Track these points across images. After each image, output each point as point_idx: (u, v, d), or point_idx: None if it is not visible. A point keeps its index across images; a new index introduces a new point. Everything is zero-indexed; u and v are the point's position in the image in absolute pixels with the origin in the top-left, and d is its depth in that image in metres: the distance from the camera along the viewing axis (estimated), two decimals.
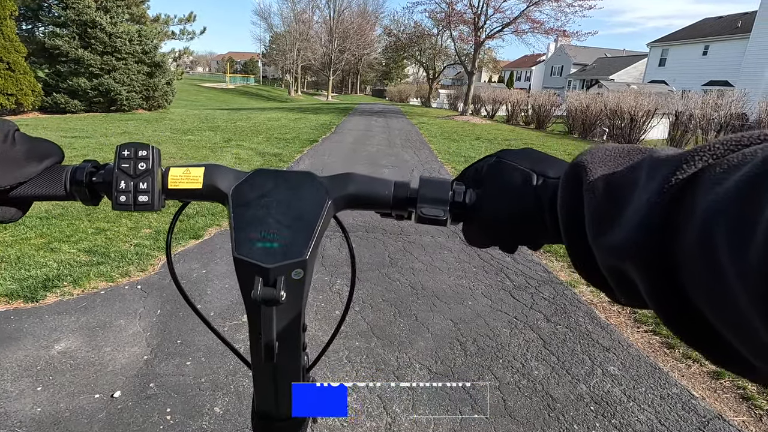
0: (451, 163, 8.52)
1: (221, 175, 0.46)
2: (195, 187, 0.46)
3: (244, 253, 0.41)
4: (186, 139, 9.35)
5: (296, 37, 43.74)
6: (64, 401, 1.91)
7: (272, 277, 0.40)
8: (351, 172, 0.47)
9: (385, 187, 0.46)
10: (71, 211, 4.15)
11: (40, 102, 12.26)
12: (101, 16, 13.15)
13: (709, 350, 0.23)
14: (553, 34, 19.62)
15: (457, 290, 3.15)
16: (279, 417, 0.50)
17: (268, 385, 0.48)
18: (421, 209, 0.44)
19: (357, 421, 1.91)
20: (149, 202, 0.44)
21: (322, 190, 0.45)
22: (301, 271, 0.41)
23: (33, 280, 2.86)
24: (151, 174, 0.44)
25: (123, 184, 0.44)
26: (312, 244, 0.41)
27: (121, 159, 0.44)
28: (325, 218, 0.43)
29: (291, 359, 0.47)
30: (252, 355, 0.46)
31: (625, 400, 2.12)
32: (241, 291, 0.42)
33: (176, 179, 0.46)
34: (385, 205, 0.46)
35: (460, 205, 0.43)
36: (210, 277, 3.08)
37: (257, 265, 0.40)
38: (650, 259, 0.24)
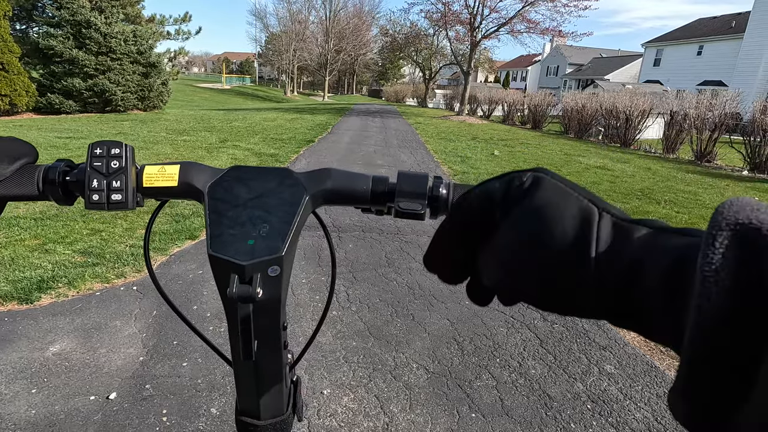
0: (447, 163, 8.53)
1: (197, 172, 0.46)
2: (170, 185, 0.45)
3: (220, 251, 0.40)
4: (182, 139, 9.31)
5: (292, 37, 43.68)
6: (59, 403, 1.89)
7: (248, 275, 0.40)
8: (329, 168, 0.47)
9: (364, 182, 0.46)
10: (66, 212, 4.13)
11: (35, 103, 12.17)
12: (96, 17, 13.07)
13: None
14: (548, 34, 19.67)
15: (453, 290, 3.15)
16: (261, 416, 0.50)
17: (249, 383, 0.48)
18: (399, 203, 0.43)
19: (354, 421, 1.90)
20: (123, 200, 0.44)
21: (300, 186, 0.44)
22: (277, 267, 0.40)
23: (27, 282, 2.83)
24: (125, 172, 0.43)
25: (96, 182, 0.43)
26: (288, 241, 0.41)
27: (93, 157, 0.43)
28: (302, 214, 0.43)
29: (271, 357, 0.46)
30: (232, 353, 0.46)
31: (621, 398, 2.12)
32: (218, 289, 0.42)
33: (151, 177, 0.45)
34: (363, 200, 0.46)
35: (439, 198, 0.43)
36: (206, 277, 3.07)
37: (232, 262, 0.39)
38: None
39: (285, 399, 0.50)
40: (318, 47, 46.96)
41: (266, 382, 0.48)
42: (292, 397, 0.53)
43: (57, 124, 10.69)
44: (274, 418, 0.50)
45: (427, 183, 0.44)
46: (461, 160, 8.89)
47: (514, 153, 10.42)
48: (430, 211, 0.44)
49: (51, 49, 12.74)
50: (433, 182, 0.44)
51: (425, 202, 0.43)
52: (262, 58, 59.32)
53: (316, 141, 10.40)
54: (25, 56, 12.61)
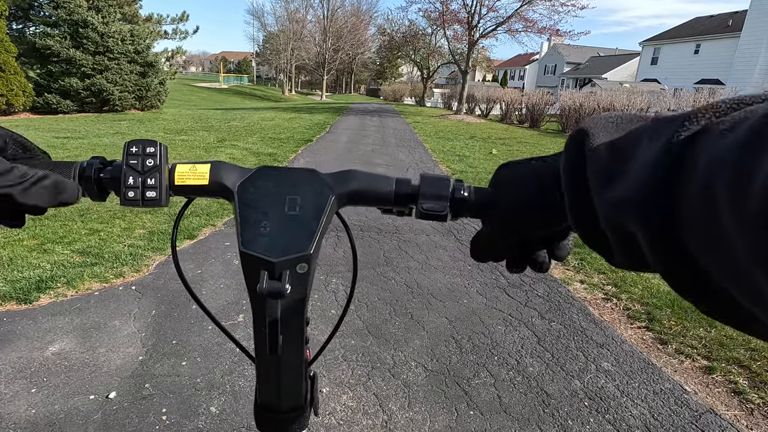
0: (445, 162, 8.54)
1: (227, 171, 0.47)
2: (201, 184, 0.47)
3: (251, 248, 0.41)
4: (179, 139, 9.30)
5: (290, 36, 43.61)
6: (59, 402, 1.90)
7: (278, 271, 0.41)
8: (354, 169, 0.48)
9: (387, 183, 0.47)
10: (64, 212, 4.12)
11: (32, 102, 12.14)
12: (93, 16, 13.04)
13: (708, 303, 0.24)
14: (546, 33, 19.70)
15: (452, 288, 3.16)
16: (281, 409, 0.51)
17: (271, 377, 0.50)
18: (422, 205, 0.45)
19: (353, 419, 1.91)
20: (157, 197, 0.45)
21: (326, 187, 0.46)
22: (305, 265, 0.42)
23: (26, 282, 2.84)
24: (159, 170, 0.45)
25: (131, 180, 0.45)
26: (316, 239, 0.43)
27: (129, 155, 0.45)
28: (328, 214, 0.45)
29: (294, 352, 0.48)
30: (256, 347, 0.47)
31: (618, 395, 2.14)
32: (247, 284, 0.43)
33: (183, 175, 0.47)
34: (387, 202, 0.47)
35: (460, 200, 0.45)
36: (205, 277, 3.07)
37: (263, 259, 0.41)
38: (653, 212, 0.24)
39: (303, 393, 0.52)
40: (316, 46, 46.91)
41: (287, 376, 0.49)
42: (310, 392, 0.54)
43: (54, 124, 10.66)
44: (293, 411, 0.52)
45: (449, 185, 0.45)
46: (459, 159, 8.90)
47: (512, 152, 10.44)
48: (452, 212, 0.45)
49: (48, 49, 12.71)
50: (454, 185, 0.46)
51: (447, 204, 0.45)
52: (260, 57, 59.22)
53: (314, 140, 10.40)
54: (22, 56, 12.57)
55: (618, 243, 0.28)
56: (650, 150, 0.25)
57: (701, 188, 0.21)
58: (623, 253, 0.29)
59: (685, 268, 0.24)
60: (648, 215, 0.24)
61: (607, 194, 0.28)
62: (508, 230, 0.41)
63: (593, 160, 0.30)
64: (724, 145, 0.21)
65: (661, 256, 0.25)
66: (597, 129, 0.31)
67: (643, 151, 0.26)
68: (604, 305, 3.05)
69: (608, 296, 3.17)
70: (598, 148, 0.30)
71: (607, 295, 3.18)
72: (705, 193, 0.21)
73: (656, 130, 0.26)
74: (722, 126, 0.22)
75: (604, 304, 3.06)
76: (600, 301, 3.10)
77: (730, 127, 0.22)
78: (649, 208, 0.24)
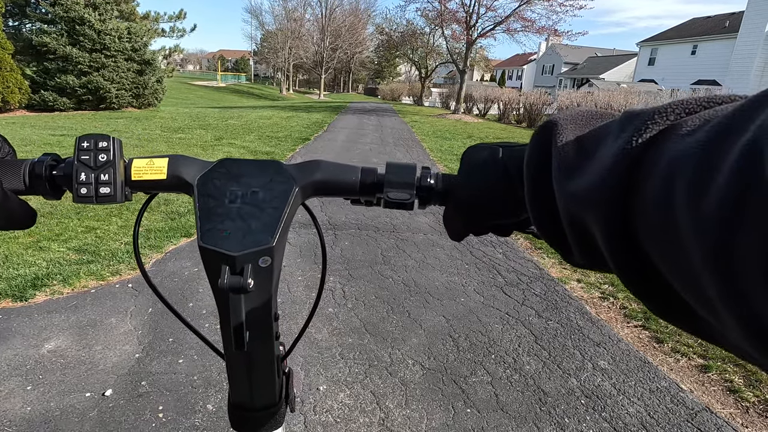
0: (443, 161, 8.55)
1: (186, 165, 0.46)
2: (159, 178, 0.45)
3: (210, 242, 0.40)
4: (177, 137, 9.27)
5: (288, 35, 43.51)
6: (55, 400, 1.89)
7: (239, 265, 0.40)
8: (318, 159, 0.48)
9: (353, 173, 0.46)
10: (60, 210, 4.11)
11: (28, 100, 12.07)
12: (90, 13, 12.97)
13: (662, 305, 0.24)
14: (544, 33, 19.71)
15: (449, 287, 3.17)
16: (254, 407, 0.50)
17: (241, 374, 0.48)
18: (387, 194, 0.44)
19: (350, 417, 1.91)
20: (111, 193, 0.44)
21: (289, 178, 0.45)
22: (268, 258, 0.41)
23: (22, 279, 2.82)
24: (113, 165, 0.44)
25: (83, 176, 0.43)
26: (279, 231, 0.41)
27: (80, 151, 0.43)
28: (292, 205, 0.44)
29: (263, 348, 0.47)
30: (224, 344, 0.46)
31: (615, 393, 2.14)
32: (209, 280, 0.42)
33: (139, 170, 0.45)
34: (352, 191, 0.46)
35: (427, 188, 0.44)
36: (202, 275, 3.06)
37: (223, 254, 0.40)
38: (611, 207, 0.24)
39: (277, 390, 0.51)
40: (314, 45, 46.81)
41: (258, 372, 0.48)
42: (285, 388, 0.53)
43: (50, 122, 10.61)
44: (266, 409, 0.50)
45: (415, 173, 0.44)
46: (457, 158, 8.91)
47: None
48: (419, 200, 0.44)
49: (44, 46, 12.64)
50: (421, 172, 0.45)
51: (414, 192, 0.44)
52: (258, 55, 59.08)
53: (312, 139, 10.38)
54: (18, 53, 12.50)
55: (576, 240, 0.28)
56: (615, 143, 0.25)
57: (660, 186, 0.21)
58: (581, 251, 0.28)
59: (639, 268, 0.24)
60: (605, 211, 0.24)
61: (568, 187, 0.28)
62: (465, 218, 0.42)
63: (558, 153, 0.30)
64: (686, 144, 0.20)
65: (617, 255, 0.24)
66: (566, 122, 0.31)
67: (607, 147, 0.26)
68: (601, 304, 3.06)
69: (605, 295, 3.18)
70: (565, 142, 0.30)
71: (603, 294, 3.19)
72: (663, 191, 0.21)
73: (622, 126, 0.26)
74: (688, 124, 0.22)
75: (601, 303, 3.07)
76: (597, 300, 3.11)
77: (696, 126, 0.21)
78: (607, 204, 0.24)
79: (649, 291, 0.24)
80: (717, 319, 0.19)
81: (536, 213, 0.32)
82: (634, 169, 0.23)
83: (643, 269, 0.24)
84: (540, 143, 0.32)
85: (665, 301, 0.23)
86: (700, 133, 0.20)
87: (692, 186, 0.19)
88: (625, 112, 0.28)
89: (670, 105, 0.24)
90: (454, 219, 0.43)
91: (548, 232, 0.31)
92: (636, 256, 0.24)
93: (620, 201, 0.24)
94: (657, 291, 0.23)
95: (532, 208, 0.32)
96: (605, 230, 0.24)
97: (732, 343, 0.20)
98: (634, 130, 0.24)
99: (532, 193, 0.32)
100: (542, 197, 0.31)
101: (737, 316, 0.17)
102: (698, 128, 0.21)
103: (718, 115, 0.20)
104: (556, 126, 0.31)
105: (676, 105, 0.24)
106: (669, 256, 0.21)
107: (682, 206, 0.19)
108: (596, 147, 0.27)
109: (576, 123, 0.31)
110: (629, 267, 0.24)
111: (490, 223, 0.41)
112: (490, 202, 0.39)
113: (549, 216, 0.31)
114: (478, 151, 0.41)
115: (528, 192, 0.32)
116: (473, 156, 0.41)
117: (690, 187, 0.19)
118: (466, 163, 0.42)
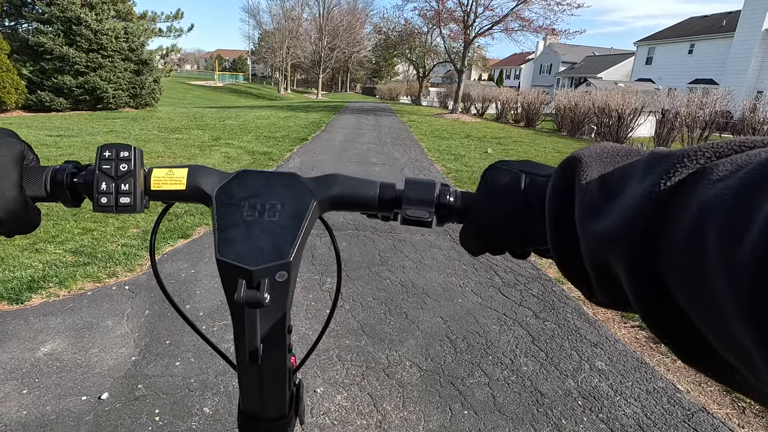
0: (441, 161, 8.54)
1: (205, 176, 0.46)
2: (178, 189, 0.45)
3: (228, 255, 0.40)
4: (174, 137, 9.25)
5: (285, 34, 43.45)
6: (51, 404, 1.88)
7: (256, 280, 0.40)
8: (337, 173, 0.47)
9: (371, 188, 0.46)
10: (56, 212, 4.09)
11: (24, 100, 12.03)
12: (86, 13, 12.92)
13: (685, 349, 0.23)
14: (542, 32, 19.72)
15: (447, 288, 3.17)
16: (265, 417, 0.50)
17: (253, 386, 0.48)
18: (406, 210, 0.44)
19: (347, 419, 1.91)
20: (131, 203, 0.44)
21: (307, 192, 0.44)
22: (285, 273, 0.41)
23: (17, 282, 2.81)
24: (133, 175, 0.44)
25: (104, 185, 0.43)
26: (296, 246, 0.41)
27: (102, 160, 0.43)
28: (310, 219, 0.43)
29: (276, 361, 0.47)
30: (237, 357, 0.46)
31: (612, 394, 2.15)
32: (225, 293, 0.42)
33: (159, 180, 0.45)
34: (370, 207, 0.46)
35: (446, 206, 0.44)
36: (199, 276, 3.06)
37: (240, 267, 0.40)
38: (636, 247, 0.23)
39: (287, 401, 0.51)
40: (311, 45, 46.75)
41: (270, 384, 0.48)
42: (295, 399, 0.53)
43: (47, 122, 10.57)
44: (276, 420, 0.50)
45: (435, 190, 0.44)
46: (454, 158, 8.91)
47: (507, 151, 10.45)
48: (437, 218, 0.44)
49: (41, 46, 12.58)
50: (440, 190, 0.44)
51: (432, 210, 0.43)
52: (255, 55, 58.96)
53: (310, 139, 10.37)
54: (15, 53, 12.44)
55: (599, 280, 0.27)
56: (642, 184, 0.25)
57: (690, 230, 0.20)
58: (604, 291, 0.28)
59: (666, 312, 0.23)
60: (630, 251, 0.24)
61: (592, 228, 0.27)
62: (483, 239, 0.41)
63: (582, 192, 0.29)
64: (719, 189, 0.20)
65: (642, 297, 0.24)
66: (590, 159, 0.30)
67: (634, 186, 0.25)
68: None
69: None
70: (589, 180, 0.29)
71: None
72: (693, 236, 0.20)
73: (650, 167, 0.25)
74: (720, 169, 0.21)
75: None
76: None
77: (729, 172, 0.21)
78: (632, 245, 0.24)
79: (675, 336, 0.23)
80: (750, 368, 0.18)
81: (558, 250, 0.31)
82: (661, 212, 0.23)
83: (669, 313, 0.23)
84: (563, 180, 0.32)
85: (692, 347, 0.23)
86: (733, 179, 0.20)
87: (725, 233, 0.18)
88: (651, 152, 0.27)
89: (700, 148, 0.24)
90: (471, 238, 0.43)
91: (570, 270, 0.31)
92: (662, 300, 0.23)
93: (646, 242, 0.23)
94: (684, 336, 0.23)
95: (553, 245, 0.32)
96: (630, 271, 0.24)
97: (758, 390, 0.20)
98: (662, 172, 0.24)
99: (553, 230, 0.32)
100: (564, 234, 0.31)
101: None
102: (731, 174, 0.20)
103: (752, 161, 0.20)
104: (580, 163, 0.30)
105: (706, 148, 0.23)
106: (698, 302, 0.20)
107: (713, 253, 0.19)
108: (621, 188, 0.27)
109: (600, 160, 0.30)
110: (655, 310, 0.24)
111: (508, 247, 0.41)
112: (509, 230, 0.39)
113: (571, 254, 0.30)
114: (500, 173, 0.40)
115: (550, 229, 0.32)
116: (495, 178, 0.40)
117: (722, 234, 0.18)
118: (487, 185, 0.41)
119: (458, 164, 8.21)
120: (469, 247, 0.44)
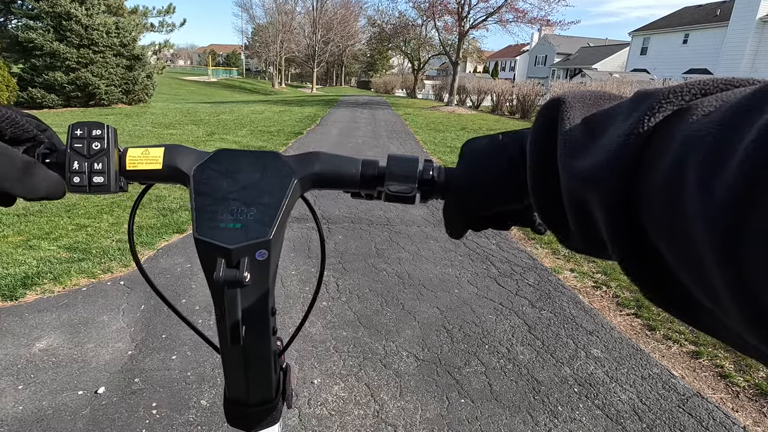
0: (436, 153, 8.53)
1: (182, 155, 0.45)
2: (154, 168, 0.44)
3: (206, 234, 0.39)
4: (168, 133, 9.19)
5: (279, 28, 43.12)
6: (47, 399, 1.88)
7: (235, 259, 0.39)
8: (318, 151, 0.46)
9: (353, 165, 0.45)
10: (50, 208, 4.06)
11: (15, 97, 11.91)
12: (76, 8, 12.77)
13: (664, 295, 0.23)
14: (536, 23, 19.65)
15: (443, 279, 3.17)
16: (250, 402, 0.49)
17: (237, 370, 0.48)
18: (388, 186, 0.43)
19: (345, 409, 1.91)
20: (105, 183, 0.42)
21: (288, 169, 0.44)
22: (265, 251, 0.40)
23: (11, 279, 2.79)
24: (107, 154, 0.42)
25: (76, 164, 0.42)
26: (276, 224, 0.40)
27: (73, 138, 0.42)
28: (290, 198, 0.43)
29: (260, 343, 0.46)
30: (219, 339, 0.45)
31: (607, 381, 2.16)
32: (204, 273, 0.41)
33: (134, 160, 0.44)
34: (352, 184, 0.45)
35: (429, 182, 0.43)
36: (195, 270, 3.05)
37: (219, 246, 0.39)
38: (615, 187, 0.23)
39: (274, 385, 0.50)
40: (305, 38, 46.43)
41: (254, 367, 0.47)
42: (282, 383, 0.52)
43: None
44: (262, 405, 0.50)
45: (417, 166, 0.43)
46: (450, 150, 8.90)
47: None
48: (421, 194, 0.43)
49: (31, 42, 12.44)
50: (423, 165, 0.43)
51: (415, 185, 0.43)
52: (249, 50, 58.53)
53: (305, 133, 10.32)
54: (5, 50, 12.32)
55: (577, 221, 0.27)
56: (625, 122, 0.24)
57: (670, 166, 0.20)
58: (581, 234, 0.27)
59: (640, 253, 0.23)
60: (609, 191, 0.23)
61: (572, 165, 0.27)
62: (465, 207, 0.41)
63: (565, 132, 0.28)
64: (701, 124, 0.20)
65: (618, 237, 0.23)
66: (574, 101, 0.30)
67: (616, 127, 0.25)
68: (593, 293, 3.08)
69: (598, 284, 3.20)
70: (572, 121, 0.29)
71: (596, 283, 3.21)
72: (673, 172, 0.20)
73: (634, 105, 0.25)
74: (705, 104, 0.21)
75: (594, 292, 3.09)
76: (590, 289, 3.13)
77: (714, 107, 0.20)
78: (612, 184, 0.23)
79: (648, 277, 0.23)
80: (719, 305, 0.18)
81: (538, 193, 0.31)
82: (644, 149, 0.22)
83: (643, 254, 0.23)
84: (545, 122, 0.31)
85: (664, 289, 0.23)
86: (717, 113, 0.19)
87: (704, 166, 0.18)
88: (637, 92, 0.26)
89: (686, 85, 0.23)
90: (453, 211, 0.42)
91: (549, 213, 0.31)
92: (637, 241, 0.23)
93: (626, 183, 0.23)
94: (656, 277, 0.23)
95: (533, 188, 0.31)
96: (608, 209, 0.24)
97: (732, 334, 0.19)
98: (646, 109, 0.23)
99: (534, 172, 0.31)
100: (545, 177, 0.30)
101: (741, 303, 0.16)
102: (716, 109, 0.20)
103: (737, 96, 0.19)
104: (563, 104, 0.30)
105: (692, 85, 0.23)
106: (674, 240, 0.20)
107: (692, 188, 0.18)
108: (605, 127, 0.26)
109: (584, 102, 0.30)
110: (629, 250, 0.23)
111: (490, 211, 0.40)
112: (489, 192, 0.39)
113: (551, 197, 0.30)
114: (476, 140, 0.41)
115: (530, 172, 0.31)
116: (472, 145, 0.41)
117: (702, 167, 0.18)
118: (465, 153, 0.41)
119: (454, 156, 8.20)
120: (450, 228, 0.43)
